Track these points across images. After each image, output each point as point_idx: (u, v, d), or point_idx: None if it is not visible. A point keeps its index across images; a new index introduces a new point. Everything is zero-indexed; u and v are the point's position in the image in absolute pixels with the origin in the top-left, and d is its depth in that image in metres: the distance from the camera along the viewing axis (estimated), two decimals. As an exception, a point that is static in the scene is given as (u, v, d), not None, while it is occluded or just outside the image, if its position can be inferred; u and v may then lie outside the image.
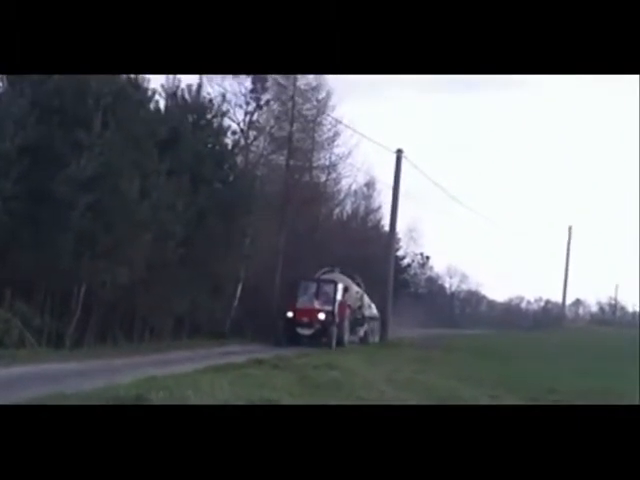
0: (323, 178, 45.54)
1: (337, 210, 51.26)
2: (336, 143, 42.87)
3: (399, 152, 34.76)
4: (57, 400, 6.72)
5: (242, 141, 33.67)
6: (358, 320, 34.19)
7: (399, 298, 47.08)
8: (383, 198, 60.96)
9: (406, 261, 63.06)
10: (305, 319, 29.31)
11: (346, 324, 31.17)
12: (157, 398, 7.08)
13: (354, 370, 15.90)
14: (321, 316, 29.44)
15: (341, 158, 44.67)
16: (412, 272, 67.96)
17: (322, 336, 29.48)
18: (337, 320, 30.09)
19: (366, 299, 35.94)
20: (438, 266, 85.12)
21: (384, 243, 40.07)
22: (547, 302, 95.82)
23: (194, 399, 7.42)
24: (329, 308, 30.25)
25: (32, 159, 18.48)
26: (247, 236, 29.04)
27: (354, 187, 52.98)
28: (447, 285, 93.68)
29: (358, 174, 47.66)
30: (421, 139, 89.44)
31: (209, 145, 27.18)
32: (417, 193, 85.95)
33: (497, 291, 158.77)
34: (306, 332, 29.32)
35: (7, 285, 17.72)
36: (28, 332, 17.84)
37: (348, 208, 54.15)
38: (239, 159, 32.52)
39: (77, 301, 19.71)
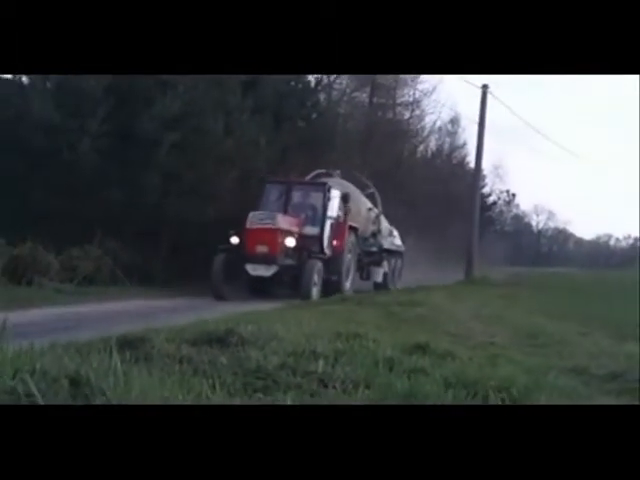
0: (406, 115, 45.18)
1: (421, 147, 50.89)
2: (420, 79, 42.36)
3: (485, 87, 33.92)
4: (149, 334, 6.79)
5: (325, 79, 33.38)
6: (371, 254, 23.45)
7: (484, 236, 46.60)
8: (468, 135, 60.26)
9: (492, 199, 62.54)
10: (260, 248, 17.37)
11: (346, 260, 19.91)
12: (246, 331, 7.10)
13: (440, 306, 15.78)
14: (289, 242, 17.66)
15: (425, 94, 44.22)
16: (498, 210, 67.38)
17: (292, 281, 17.94)
18: (328, 252, 19.07)
19: (385, 223, 25.36)
20: (524, 204, 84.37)
21: (469, 181, 39.49)
22: (636, 240, 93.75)
23: (282, 332, 7.43)
24: (313, 230, 19.03)
25: (118, 98, 18.70)
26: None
27: (438, 124, 52.52)
28: (533, 223, 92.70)
29: (442, 110, 47.43)
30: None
31: (292, 83, 27.03)
32: (503, 129, 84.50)
33: (585, 229, 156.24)
34: (262, 272, 17.47)
35: (97, 223, 18.03)
36: (118, 270, 18.19)
37: (432, 145, 53.75)
38: (322, 96, 32.32)
39: (164, 239, 20.02)
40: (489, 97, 34.00)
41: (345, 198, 20.35)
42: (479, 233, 36.13)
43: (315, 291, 17.66)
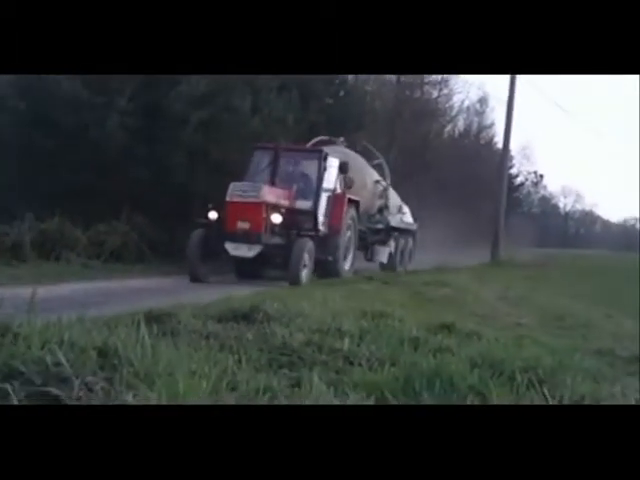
0: (435, 94, 45.04)
1: (449, 127, 50.80)
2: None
3: (514, 67, 33.51)
4: (175, 309, 6.84)
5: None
6: (377, 232, 21.45)
7: (511, 217, 46.40)
8: (496, 115, 59.95)
9: (519, 180, 62.30)
10: (241, 225, 15.13)
11: (345, 238, 17.71)
12: (271, 308, 7.13)
13: (466, 287, 15.75)
14: (275, 218, 15.36)
15: (453, 73, 43.84)
16: (525, 191, 67.08)
17: (280, 261, 15.57)
18: (323, 229, 16.81)
19: (394, 198, 23.22)
20: (552, 185, 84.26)
21: (497, 161, 39.24)
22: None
23: (308, 310, 7.46)
24: (306, 204, 16.70)
25: (146, 75, 18.74)
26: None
27: (466, 103, 52.40)
28: (561, 205, 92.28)
29: (471, 90, 47.00)
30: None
31: (320, 60, 26.97)
32: (532, 109, 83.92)
33: (612, 212, 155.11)
34: (243, 252, 15.18)
35: (124, 199, 18.13)
36: (144, 246, 18.29)
37: (460, 125, 53.66)
38: (350, 74, 32.23)
39: (191, 217, 20.09)
40: (518, 77, 33.75)
41: (343, 167, 17.77)
42: (506, 214, 35.92)
43: (305, 274, 15.40)
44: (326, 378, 4.49)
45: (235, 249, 15.18)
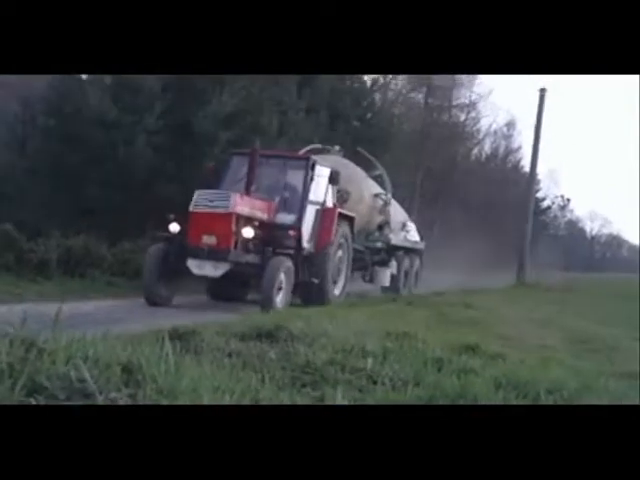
0: (462, 117, 45.04)
1: (476, 150, 50.76)
2: (477, 81, 42.11)
3: (542, 91, 33.49)
4: (198, 327, 6.87)
5: (381, 79, 33.38)
6: (376, 252, 19.54)
7: (537, 240, 46.14)
8: (524, 138, 59.80)
9: (546, 203, 62.00)
10: (206, 239, 13.10)
11: (334, 258, 15.31)
12: (295, 327, 7.13)
13: (491, 309, 15.67)
14: (246, 232, 13.21)
15: (481, 97, 44.02)
16: (552, 214, 66.75)
17: (254, 283, 13.88)
18: (308, 247, 14.68)
19: (397, 212, 21.28)
20: (579, 209, 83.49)
21: (523, 184, 39.10)
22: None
23: (331, 330, 7.45)
24: (288, 218, 14.53)
25: (175, 95, 18.90)
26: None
27: (494, 127, 52.30)
28: (587, 229, 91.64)
29: (499, 113, 46.88)
30: (565, 77, 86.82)
31: (347, 82, 27.06)
32: (559, 133, 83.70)
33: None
34: (208, 272, 13.26)
35: (150, 216, 18.21)
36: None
37: (487, 148, 53.57)
38: (377, 97, 32.33)
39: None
40: (547, 100, 33.64)
41: (334, 178, 15.38)
42: (532, 237, 35.71)
43: (281, 298, 13.11)
44: (349, 397, 4.48)
45: (199, 267, 13.15)
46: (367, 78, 29.68)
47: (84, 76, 19.63)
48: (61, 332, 3.88)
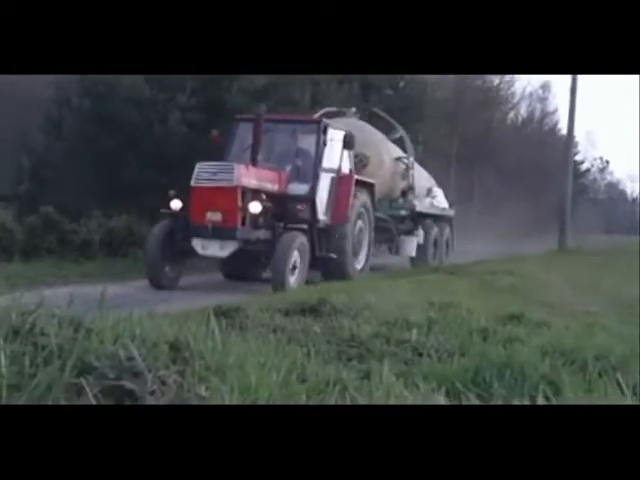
0: (496, 81, 44.64)
1: (511, 114, 50.33)
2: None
3: (577, 51, 32.96)
4: (242, 304, 6.93)
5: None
6: (401, 220, 18.06)
7: (577, 204, 45.71)
8: (560, 100, 59.19)
9: (584, 166, 61.39)
10: (211, 216, 12.06)
11: (354, 230, 14.23)
12: (338, 301, 7.15)
13: (534, 276, 15.55)
14: (253, 207, 12.12)
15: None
16: (591, 177, 66.10)
17: (257, 262, 13.24)
18: (325, 219, 13.62)
19: (421, 177, 19.81)
20: (618, 171, 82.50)
21: (561, 147, 38.65)
22: None
23: (374, 302, 7.45)
24: (301, 189, 13.42)
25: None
26: (418, 142, 25.18)
27: (529, 90, 51.83)
28: (628, 190, 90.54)
29: (533, 76, 46.29)
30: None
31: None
32: (596, 94, 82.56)
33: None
34: (214, 251, 12.27)
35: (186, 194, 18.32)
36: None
37: (523, 112, 53.05)
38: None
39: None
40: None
41: (348, 141, 14.04)
42: (572, 201, 35.34)
43: (295, 277, 12.14)
44: (395, 369, 4.47)
45: (204, 247, 12.19)
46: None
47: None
48: (107, 312, 3.91)
